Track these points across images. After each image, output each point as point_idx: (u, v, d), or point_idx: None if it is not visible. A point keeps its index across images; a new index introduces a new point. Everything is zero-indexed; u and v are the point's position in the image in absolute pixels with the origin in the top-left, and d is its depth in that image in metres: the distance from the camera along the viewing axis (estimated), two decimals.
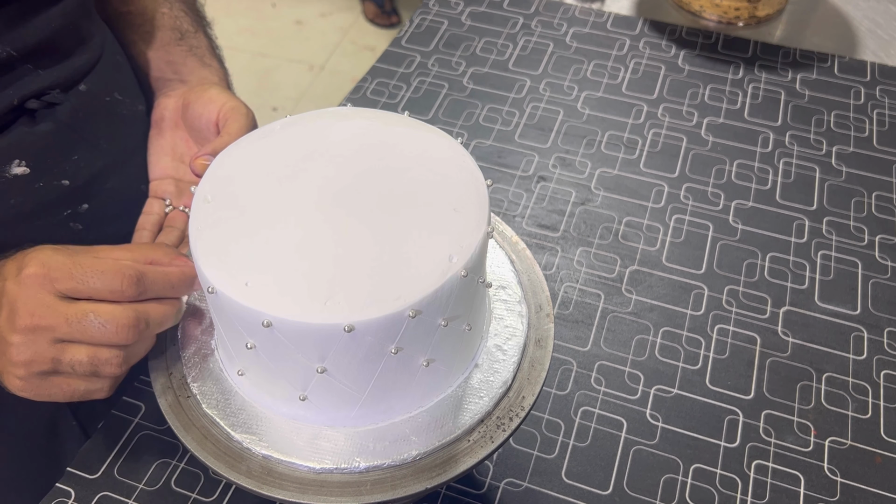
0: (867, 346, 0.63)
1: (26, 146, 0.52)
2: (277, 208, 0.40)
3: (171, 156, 0.58)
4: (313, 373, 0.38)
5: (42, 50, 0.51)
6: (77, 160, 0.55)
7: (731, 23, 0.95)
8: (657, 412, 0.59)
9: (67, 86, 0.54)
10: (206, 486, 0.54)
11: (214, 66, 0.62)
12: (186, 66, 0.60)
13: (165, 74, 0.61)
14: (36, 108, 0.52)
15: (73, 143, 0.55)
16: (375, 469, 0.41)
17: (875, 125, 0.82)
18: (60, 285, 0.40)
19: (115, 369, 0.41)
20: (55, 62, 0.53)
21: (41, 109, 0.52)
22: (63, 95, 0.53)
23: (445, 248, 0.38)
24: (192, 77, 0.60)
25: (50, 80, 0.52)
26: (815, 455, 0.56)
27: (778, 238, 0.71)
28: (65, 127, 0.54)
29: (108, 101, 0.58)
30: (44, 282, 0.40)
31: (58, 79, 0.53)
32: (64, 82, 0.53)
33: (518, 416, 0.43)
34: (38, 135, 0.52)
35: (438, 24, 0.95)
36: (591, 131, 0.82)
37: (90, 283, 0.40)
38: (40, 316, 0.39)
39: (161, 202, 0.57)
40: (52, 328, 0.39)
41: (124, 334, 0.40)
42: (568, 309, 0.65)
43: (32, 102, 0.51)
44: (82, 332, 0.40)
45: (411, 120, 0.46)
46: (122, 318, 0.40)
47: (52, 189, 0.54)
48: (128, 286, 0.40)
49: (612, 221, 0.72)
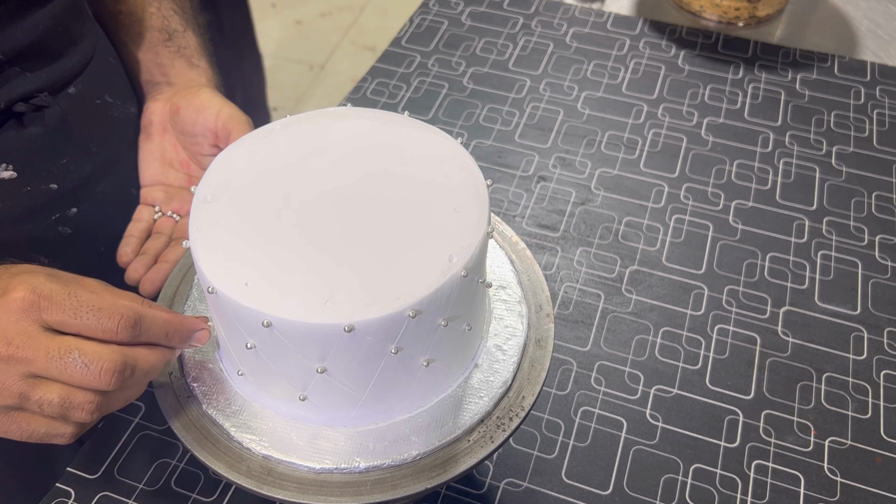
0: (867, 346, 0.63)
1: (14, 149, 0.51)
2: (277, 208, 0.40)
3: (160, 161, 0.57)
4: (313, 373, 0.38)
5: (30, 52, 0.51)
6: (66, 163, 0.54)
7: (731, 23, 0.95)
8: (657, 412, 0.59)
9: (56, 88, 0.53)
10: (206, 486, 0.54)
11: (203, 66, 0.61)
12: (174, 68, 0.60)
13: (154, 77, 0.60)
14: (24, 112, 0.51)
15: (62, 147, 0.54)
16: (375, 469, 0.41)
17: (875, 125, 0.82)
18: (49, 315, 0.36)
19: (86, 416, 0.37)
20: (44, 64, 0.52)
21: (29, 112, 0.51)
22: (52, 98, 0.52)
23: (445, 248, 0.38)
24: (179, 79, 0.59)
25: (38, 82, 0.51)
26: (815, 455, 0.56)
27: (778, 238, 0.71)
28: (53, 130, 0.53)
29: (99, 103, 0.57)
30: (30, 309, 0.36)
31: (46, 81, 0.52)
32: (53, 85, 0.53)
33: (518, 416, 0.43)
34: (26, 138, 0.51)
35: (438, 24, 0.95)
36: (591, 131, 0.82)
37: (83, 319, 0.36)
38: (17, 346, 0.36)
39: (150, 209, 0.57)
40: (27, 360, 0.36)
41: (107, 379, 0.36)
42: (568, 309, 0.65)
43: (20, 105, 0.50)
44: (61, 371, 0.36)
45: (411, 120, 0.46)
46: (108, 362, 0.36)
47: (40, 193, 0.53)
48: (123, 328, 0.37)
49: (612, 221, 0.72)
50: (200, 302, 0.48)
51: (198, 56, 0.61)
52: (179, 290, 0.49)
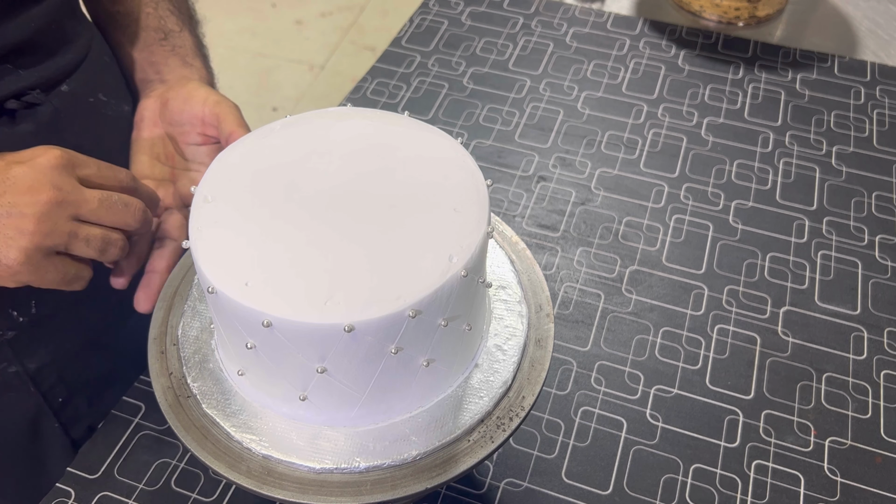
0: (867, 346, 0.63)
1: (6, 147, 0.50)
2: (277, 208, 0.40)
3: (148, 155, 0.57)
4: (313, 373, 0.38)
5: (22, 50, 0.51)
6: None
7: (731, 23, 0.95)
8: (657, 412, 0.59)
9: (49, 86, 0.53)
10: (206, 486, 0.54)
11: (197, 65, 0.61)
12: (167, 66, 0.60)
13: (148, 75, 0.60)
14: (16, 109, 0.51)
15: (55, 145, 0.54)
16: (375, 469, 0.41)
17: (875, 125, 0.82)
18: (81, 171, 0.44)
19: (117, 252, 0.46)
20: (37, 62, 0.52)
21: (21, 110, 0.51)
22: (44, 96, 0.52)
23: (445, 248, 0.38)
24: (171, 76, 0.60)
25: (31, 80, 0.51)
26: (815, 455, 0.56)
27: (778, 238, 0.71)
28: (46, 128, 0.53)
29: (92, 101, 0.57)
30: (67, 165, 0.43)
31: (39, 79, 0.52)
32: (45, 83, 0.53)
33: (518, 416, 0.43)
34: (19, 136, 0.51)
35: (438, 24, 0.95)
36: (591, 131, 0.82)
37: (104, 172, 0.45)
38: (67, 192, 0.42)
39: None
40: (77, 204, 0.43)
41: (139, 217, 0.46)
42: (568, 309, 0.65)
43: (12, 103, 0.50)
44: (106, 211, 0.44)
45: (411, 120, 0.46)
46: (138, 202, 0.46)
47: None
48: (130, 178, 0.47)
49: (612, 221, 0.72)
50: (200, 302, 0.48)
51: (192, 55, 0.62)
52: (179, 290, 0.49)
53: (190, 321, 0.47)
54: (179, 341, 0.46)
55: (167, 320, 0.47)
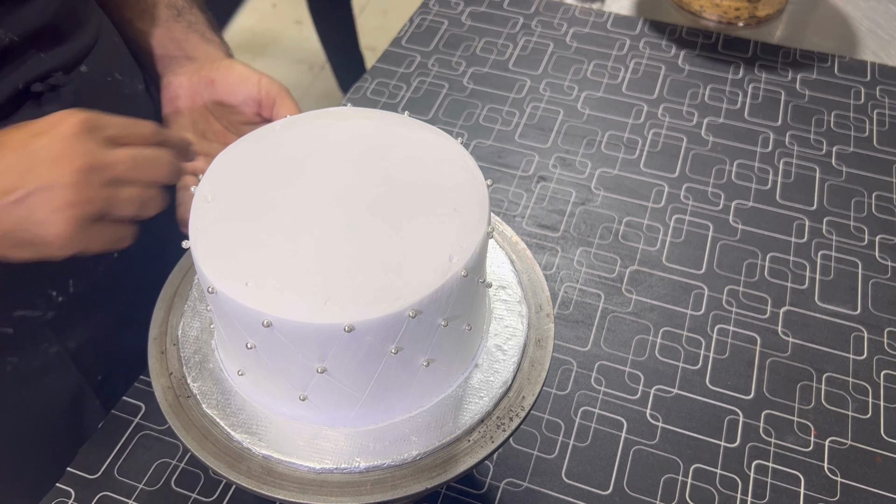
0: (867, 346, 0.63)
1: None
2: (277, 208, 0.40)
3: (192, 133, 0.58)
4: (313, 373, 0.38)
5: (43, 33, 0.52)
6: None
7: (731, 23, 0.95)
8: (657, 412, 0.59)
9: (69, 68, 0.54)
10: (206, 486, 0.54)
11: (217, 41, 0.62)
12: (190, 43, 0.61)
13: (170, 52, 0.61)
14: (41, 91, 0.52)
15: None
16: (375, 469, 0.41)
17: (875, 125, 0.82)
18: (106, 132, 0.43)
19: (157, 207, 0.45)
20: (56, 45, 0.53)
21: (46, 92, 0.52)
22: (66, 77, 0.53)
23: (445, 248, 0.38)
24: (197, 53, 0.60)
25: (52, 63, 0.52)
26: (815, 455, 0.56)
27: (778, 238, 0.71)
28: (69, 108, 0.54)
29: (110, 80, 0.58)
30: (92, 129, 0.42)
31: (60, 62, 0.53)
32: (66, 65, 0.54)
33: (518, 416, 0.43)
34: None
35: (438, 24, 0.95)
36: (591, 131, 0.81)
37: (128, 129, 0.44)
38: (96, 156, 0.42)
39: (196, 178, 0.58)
40: (109, 166, 0.42)
41: (168, 169, 0.45)
42: (568, 309, 0.65)
43: (37, 86, 0.52)
44: (139, 169, 0.43)
45: (411, 120, 0.46)
46: (166, 155, 0.45)
47: None
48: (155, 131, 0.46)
49: (612, 221, 0.72)
50: (200, 302, 0.48)
51: (209, 31, 0.63)
52: (179, 290, 0.49)
53: (190, 321, 0.47)
54: (179, 341, 0.46)
55: (167, 320, 0.47)
